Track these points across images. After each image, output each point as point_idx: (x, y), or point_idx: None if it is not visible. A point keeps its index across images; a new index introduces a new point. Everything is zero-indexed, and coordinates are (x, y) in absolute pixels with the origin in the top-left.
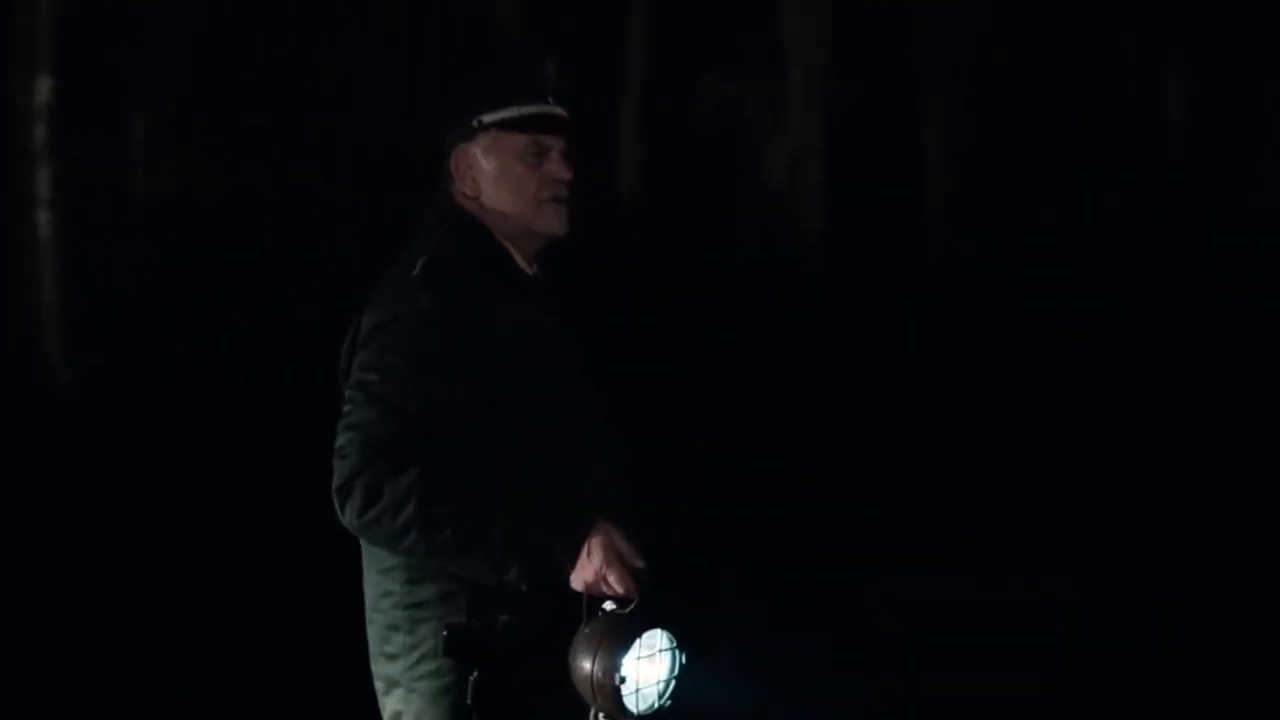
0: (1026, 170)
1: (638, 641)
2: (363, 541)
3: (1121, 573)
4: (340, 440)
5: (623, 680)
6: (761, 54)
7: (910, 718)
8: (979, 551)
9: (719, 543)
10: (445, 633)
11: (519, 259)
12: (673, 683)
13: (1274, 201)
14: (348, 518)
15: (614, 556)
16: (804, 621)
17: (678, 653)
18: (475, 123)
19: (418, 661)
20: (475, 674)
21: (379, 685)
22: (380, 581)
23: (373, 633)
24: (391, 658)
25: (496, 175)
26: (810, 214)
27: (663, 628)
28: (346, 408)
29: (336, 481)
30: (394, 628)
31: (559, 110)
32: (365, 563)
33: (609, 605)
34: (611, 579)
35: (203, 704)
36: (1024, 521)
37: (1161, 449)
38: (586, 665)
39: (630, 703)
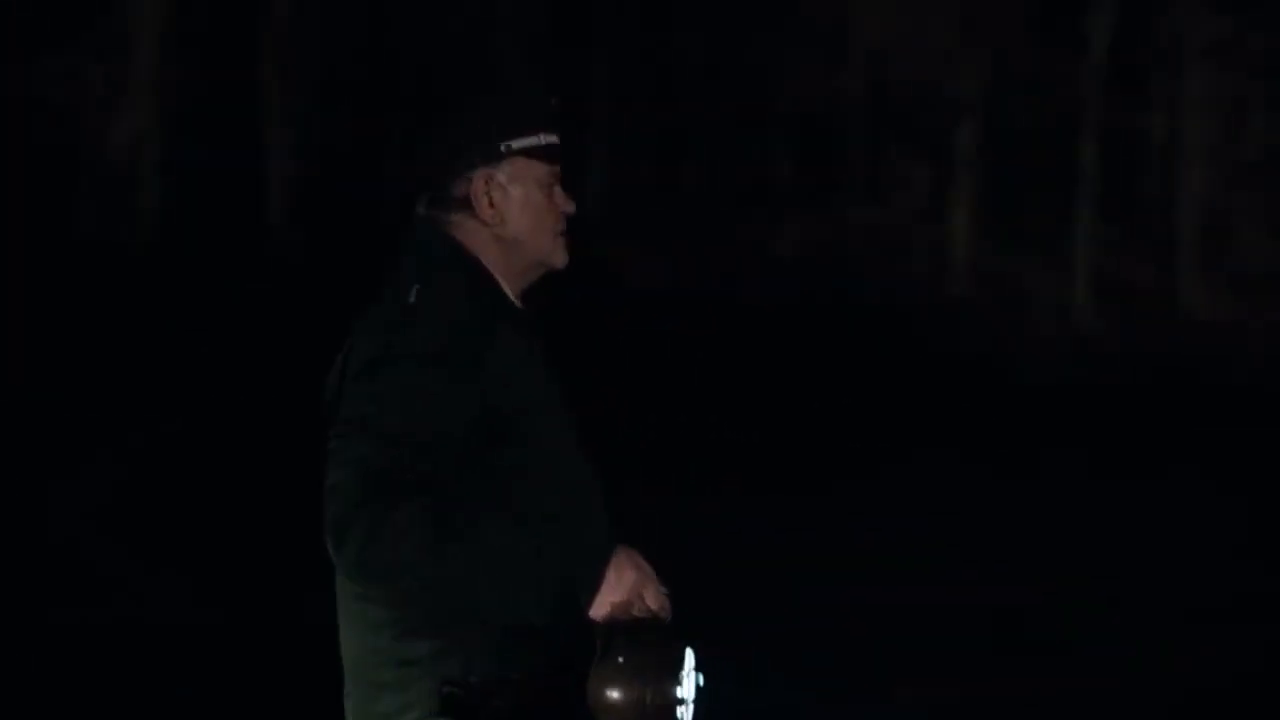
0: (371, 161)
1: (686, 660)
2: (341, 601)
3: None
4: (333, 477)
5: (682, 702)
6: (104, 32)
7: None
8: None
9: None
10: (443, 690)
11: (508, 291)
12: (692, 707)
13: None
14: (346, 556)
15: (644, 575)
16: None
17: (697, 674)
18: (503, 147)
19: None
20: None
21: None
22: (367, 639)
23: (358, 694)
24: (385, 718)
25: (523, 203)
26: (149, 196)
27: (690, 647)
28: (336, 444)
29: (331, 518)
30: (382, 685)
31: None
32: (343, 622)
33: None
34: (648, 596)
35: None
36: None
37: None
38: (619, 694)
39: None
